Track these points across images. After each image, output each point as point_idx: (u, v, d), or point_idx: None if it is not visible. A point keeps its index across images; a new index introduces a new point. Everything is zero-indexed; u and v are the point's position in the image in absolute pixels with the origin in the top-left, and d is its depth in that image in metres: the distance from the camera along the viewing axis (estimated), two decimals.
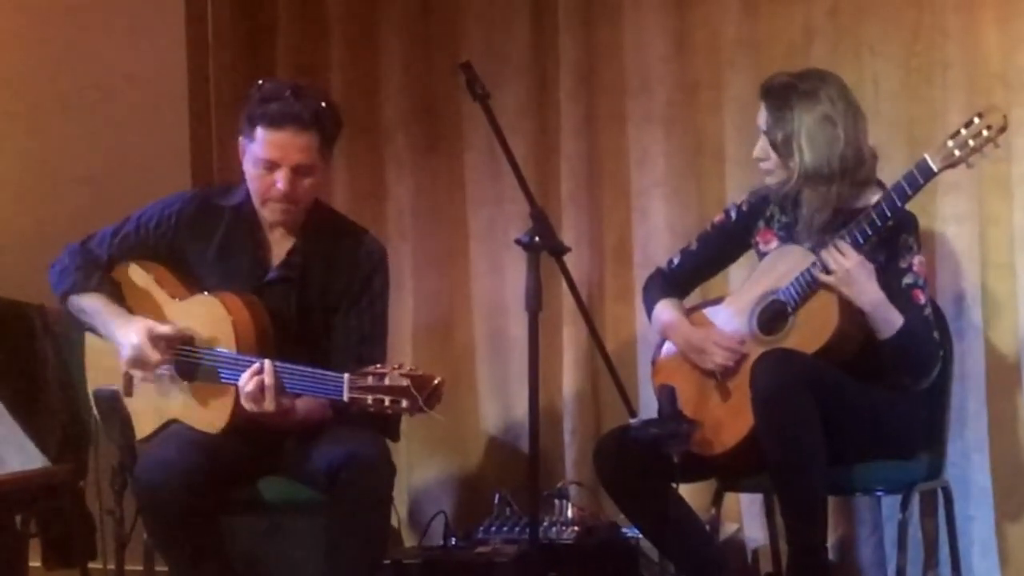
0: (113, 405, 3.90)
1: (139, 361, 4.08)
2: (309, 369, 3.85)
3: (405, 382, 3.65)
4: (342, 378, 3.73)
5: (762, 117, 4.23)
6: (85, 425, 4.56)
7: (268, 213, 4.13)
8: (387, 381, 3.67)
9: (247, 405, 3.91)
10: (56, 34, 5.55)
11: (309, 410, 3.99)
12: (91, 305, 4.19)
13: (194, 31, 5.49)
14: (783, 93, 4.19)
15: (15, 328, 4.67)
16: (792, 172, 4.18)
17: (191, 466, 3.89)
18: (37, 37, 5.57)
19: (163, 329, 4.07)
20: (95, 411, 3.96)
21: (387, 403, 3.66)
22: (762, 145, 4.25)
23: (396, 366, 3.70)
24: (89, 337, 4.27)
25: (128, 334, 4.08)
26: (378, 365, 3.71)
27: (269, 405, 3.88)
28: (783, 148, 4.18)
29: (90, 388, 4.19)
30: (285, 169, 4.05)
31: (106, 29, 5.51)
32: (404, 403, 3.65)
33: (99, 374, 4.20)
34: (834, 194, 4.15)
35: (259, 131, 4.06)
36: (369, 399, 3.68)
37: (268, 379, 3.87)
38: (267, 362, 3.89)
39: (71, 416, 4.59)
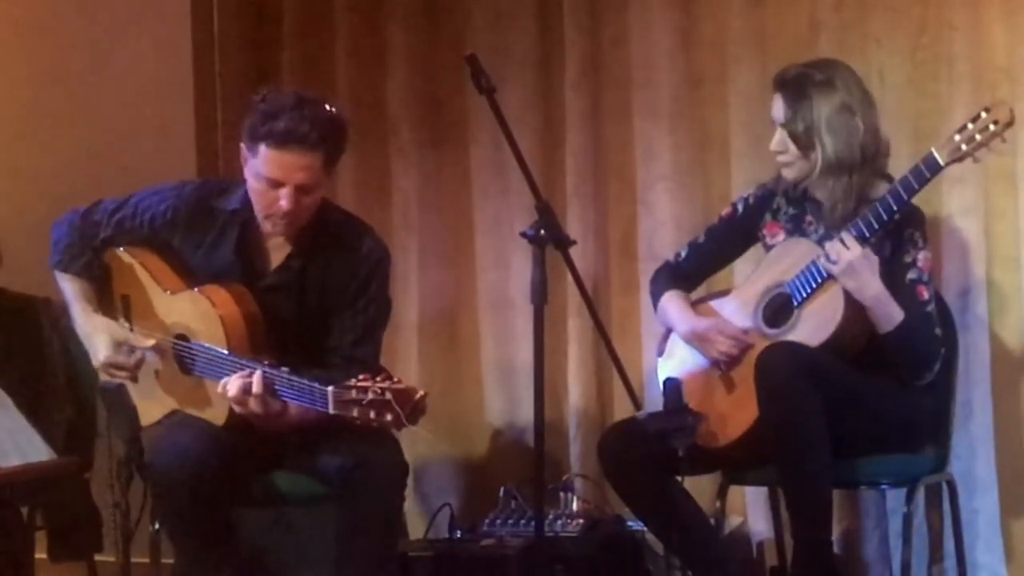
0: (119, 398, 3.91)
1: (113, 368, 4.11)
2: (296, 378, 3.82)
3: (388, 396, 3.60)
4: (327, 391, 3.70)
5: (779, 109, 4.20)
6: (91, 418, 4.57)
7: (269, 227, 4.09)
8: (369, 395, 3.62)
9: (234, 407, 3.91)
10: (63, 28, 5.55)
11: (303, 411, 3.92)
12: (67, 291, 4.23)
13: (199, 24, 5.49)
14: (799, 83, 4.16)
15: (21, 321, 4.68)
16: (813, 164, 4.17)
17: (205, 454, 3.89)
18: (45, 33, 5.57)
19: (130, 337, 4.11)
20: (101, 404, 3.97)
21: (372, 416, 3.63)
22: (780, 138, 4.21)
23: (378, 379, 3.65)
24: None
25: (95, 347, 4.13)
26: (360, 377, 3.66)
27: (255, 407, 3.88)
28: (804, 140, 4.15)
29: (101, 379, 4.20)
30: (289, 188, 3.98)
31: (112, 21, 5.51)
32: (388, 417, 3.61)
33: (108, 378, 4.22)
34: (856, 183, 4.14)
35: (263, 148, 3.97)
36: (354, 412, 3.64)
37: (256, 388, 3.85)
38: (257, 373, 3.86)
39: (77, 409, 4.59)
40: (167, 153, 5.34)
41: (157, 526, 4.20)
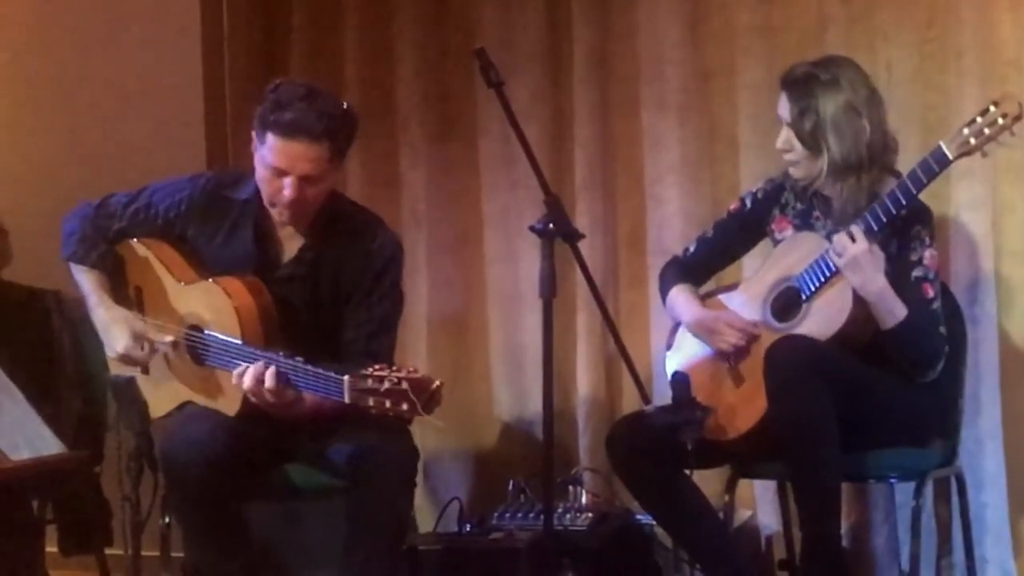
0: (129, 391, 3.92)
1: (128, 361, 4.12)
2: (312, 368, 3.82)
3: (404, 386, 3.61)
4: (342, 380, 3.70)
5: (784, 108, 4.20)
6: (101, 411, 4.58)
7: (275, 215, 4.11)
8: (386, 384, 3.62)
9: (249, 397, 3.92)
10: (72, 23, 5.56)
11: (318, 401, 3.94)
12: (84, 283, 4.23)
13: (209, 19, 5.49)
14: (805, 83, 4.15)
15: (31, 314, 4.69)
16: (820, 165, 4.16)
17: (217, 445, 3.91)
18: (54, 29, 5.58)
19: (147, 329, 4.12)
20: (111, 397, 3.98)
21: (388, 405, 3.63)
22: (786, 136, 4.21)
23: (395, 368, 3.66)
24: None
25: (114, 338, 4.13)
26: (376, 367, 3.66)
27: (269, 397, 3.88)
28: (810, 140, 4.15)
29: (112, 372, 4.21)
30: (293, 178, 4.00)
31: (122, 15, 5.51)
32: (404, 406, 3.61)
33: (120, 369, 4.22)
34: (865, 183, 4.13)
35: (270, 137, 4.00)
36: (370, 401, 3.65)
37: (270, 379, 3.86)
38: (271, 368, 3.87)
39: (87, 402, 4.61)
40: (177, 147, 5.35)
41: (167, 520, 4.22)
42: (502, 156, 5.22)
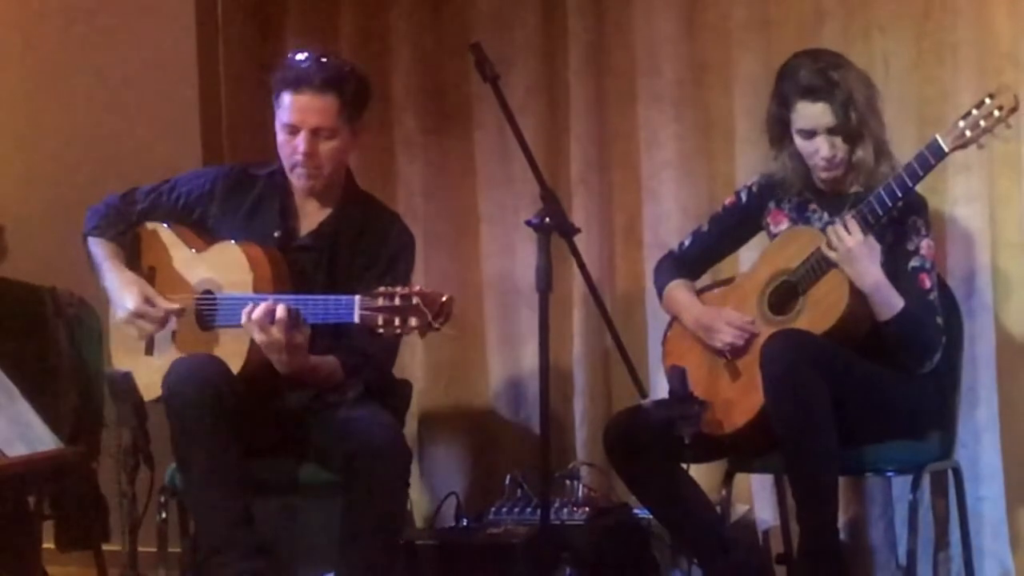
0: (125, 387, 3.91)
1: (135, 324, 4.18)
2: (320, 297, 3.91)
3: (415, 300, 3.67)
4: (352, 299, 3.76)
5: (823, 116, 4.13)
6: (98, 407, 4.57)
7: (295, 179, 4.22)
8: (397, 300, 3.68)
9: (257, 336, 3.94)
10: (66, 21, 5.54)
11: (322, 360, 4.05)
12: (99, 252, 4.32)
13: (203, 14, 5.48)
14: (827, 81, 4.10)
15: (27, 310, 4.67)
16: (863, 155, 4.14)
17: (221, 376, 3.97)
18: (49, 26, 5.57)
19: (156, 296, 4.18)
20: (108, 393, 3.97)
21: (397, 323, 3.68)
22: (830, 143, 4.15)
23: (406, 285, 3.72)
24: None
25: (124, 297, 4.19)
26: (386, 287, 3.73)
27: (277, 333, 3.92)
28: (855, 132, 4.12)
29: (115, 366, 4.23)
30: (305, 132, 4.14)
31: (116, 13, 5.50)
32: (414, 321, 3.67)
33: (124, 353, 4.26)
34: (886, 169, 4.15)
35: (283, 96, 4.16)
36: (380, 319, 3.70)
37: (280, 312, 3.90)
38: (281, 305, 3.92)
39: (84, 398, 4.60)
40: (172, 141, 5.34)
41: (164, 515, 4.24)
42: (498, 150, 5.21)
